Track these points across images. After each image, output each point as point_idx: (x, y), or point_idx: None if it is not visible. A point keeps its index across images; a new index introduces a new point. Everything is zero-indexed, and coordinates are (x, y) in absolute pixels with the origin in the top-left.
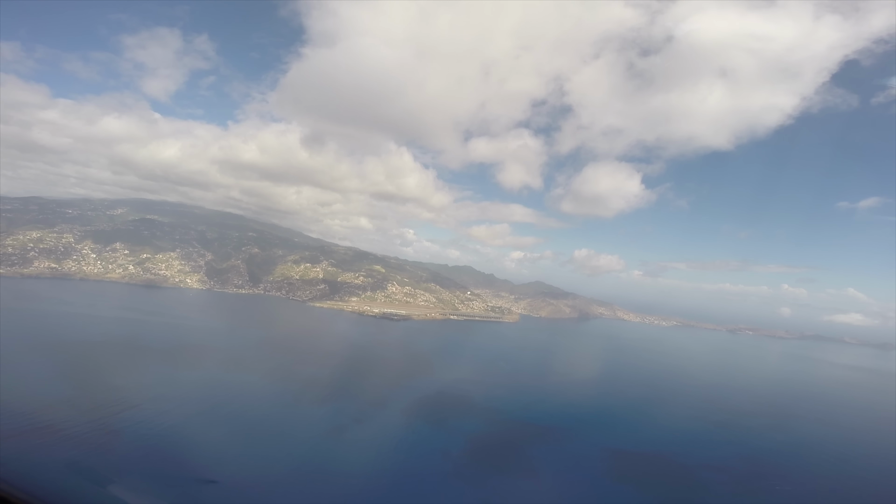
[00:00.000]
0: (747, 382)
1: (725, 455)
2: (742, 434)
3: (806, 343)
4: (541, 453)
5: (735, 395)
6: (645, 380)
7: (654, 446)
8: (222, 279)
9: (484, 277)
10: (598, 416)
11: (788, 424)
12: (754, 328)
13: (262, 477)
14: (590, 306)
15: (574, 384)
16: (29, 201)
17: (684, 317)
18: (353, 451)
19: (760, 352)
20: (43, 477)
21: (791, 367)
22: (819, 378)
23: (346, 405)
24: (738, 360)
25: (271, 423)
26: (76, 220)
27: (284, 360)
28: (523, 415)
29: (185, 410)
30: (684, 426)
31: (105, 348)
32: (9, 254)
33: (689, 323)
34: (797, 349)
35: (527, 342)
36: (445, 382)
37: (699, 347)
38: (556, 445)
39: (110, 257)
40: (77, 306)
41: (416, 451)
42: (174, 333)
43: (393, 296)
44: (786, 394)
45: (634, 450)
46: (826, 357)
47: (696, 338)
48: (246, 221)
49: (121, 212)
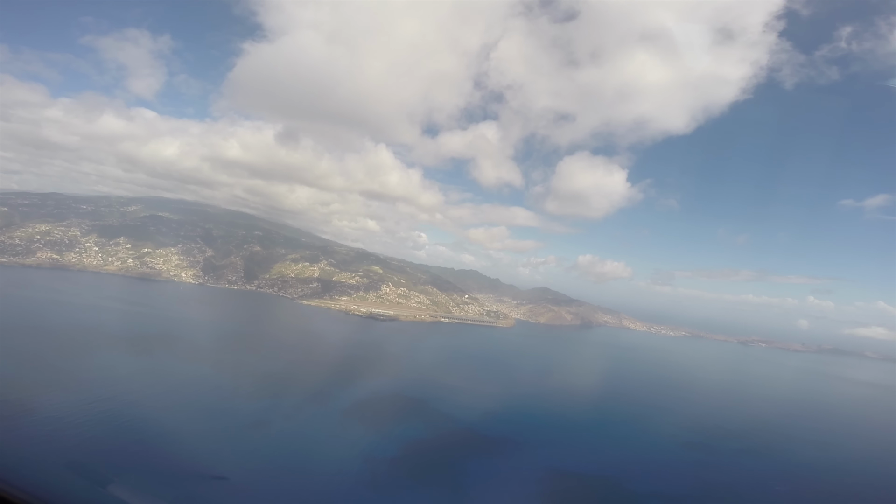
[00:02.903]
0: (743, 399)
1: (685, 483)
2: (715, 459)
3: (823, 357)
4: (477, 468)
5: (723, 412)
6: (626, 392)
7: (605, 469)
8: (217, 275)
9: (489, 282)
10: (559, 431)
11: (777, 448)
12: (768, 340)
13: (133, 470)
14: (594, 314)
15: (546, 394)
16: (47, 197)
17: (695, 327)
18: (261, 448)
19: (769, 365)
20: (43, 477)
21: (799, 381)
22: (828, 395)
23: (284, 401)
24: (742, 374)
25: (194, 414)
26: (88, 215)
27: (245, 353)
28: (477, 424)
29: (113, 396)
30: (651, 447)
31: (68, 334)
32: (15, 244)
33: (699, 333)
34: (811, 363)
35: (512, 348)
36: (405, 384)
37: (701, 359)
38: (499, 460)
39: (112, 251)
40: (65, 294)
41: (336, 453)
42: (145, 322)
43: (385, 296)
44: (785, 412)
45: (581, 472)
46: (841, 372)
47: (702, 349)
48: (255, 221)
49: (134, 209)
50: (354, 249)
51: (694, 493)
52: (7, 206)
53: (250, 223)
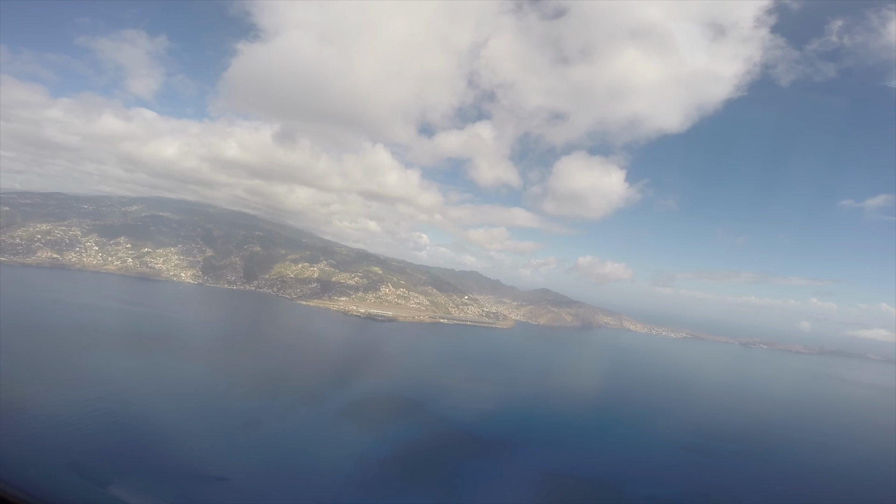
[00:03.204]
0: (743, 400)
1: (681, 486)
2: (712, 461)
3: (825, 359)
4: (471, 469)
5: (722, 414)
6: (623, 394)
7: (600, 471)
8: (217, 275)
9: (489, 283)
10: (554, 432)
11: (776, 450)
12: (769, 342)
13: (121, 467)
14: (595, 315)
15: (543, 395)
16: (49, 196)
17: (696, 329)
18: (251, 447)
19: (770, 367)
20: (43, 477)
21: (800, 383)
22: (830, 396)
23: (278, 401)
24: (742, 376)
25: (186, 414)
26: (89, 214)
27: (240, 353)
28: (471, 426)
29: (105, 394)
30: (647, 448)
31: (63, 333)
32: (15, 244)
33: (700, 335)
34: (813, 365)
35: (510, 349)
36: (400, 385)
37: (701, 360)
38: (493, 462)
39: (112, 250)
40: (62, 294)
41: (327, 453)
42: (142, 322)
43: (384, 297)
44: (785, 414)
45: (576, 474)
46: (843, 374)
47: (702, 350)
48: (257, 221)
49: (136, 208)
50: (355, 250)
51: (690, 495)
52: (9, 206)
53: (251, 223)
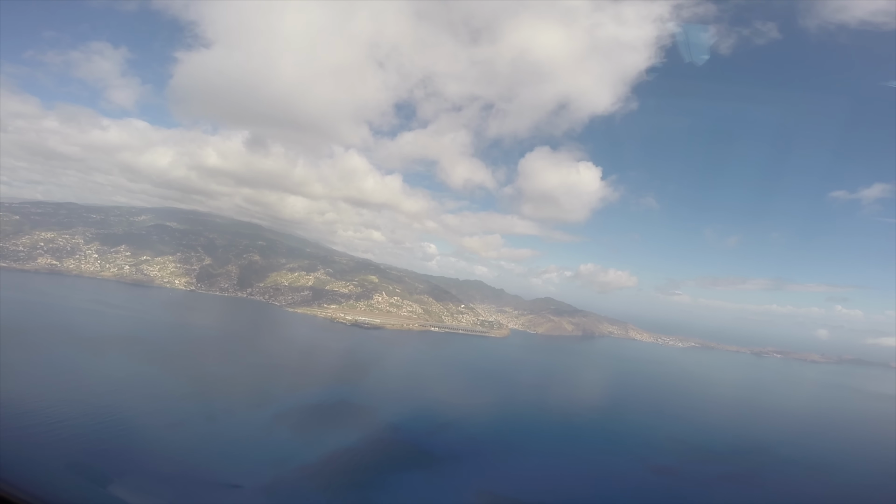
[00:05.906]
0: (743, 413)
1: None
2: (684, 486)
3: (843, 368)
4: (398, 483)
5: (714, 430)
6: (609, 406)
7: (549, 496)
8: (210, 282)
9: (493, 292)
10: (508, 448)
11: (762, 472)
12: (784, 351)
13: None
14: (598, 324)
15: (513, 406)
16: (61, 206)
17: (706, 337)
18: (161, 448)
19: (781, 377)
20: (43, 477)
21: (813, 395)
22: (844, 409)
23: (217, 404)
24: (747, 386)
25: (110, 414)
26: (95, 224)
27: (203, 356)
28: (421, 436)
29: (45, 392)
30: (609, 471)
31: (30, 333)
32: (18, 251)
33: (710, 344)
34: (829, 375)
35: (497, 357)
36: (358, 392)
37: (704, 370)
38: (428, 476)
39: (111, 258)
40: (48, 297)
41: (245, 456)
42: (116, 324)
43: (376, 305)
44: (788, 429)
45: (516, 498)
46: (862, 385)
47: (710, 360)
48: (261, 231)
49: (143, 218)
50: (357, 259)
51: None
52: (20, 215)
53: (255, 233)
